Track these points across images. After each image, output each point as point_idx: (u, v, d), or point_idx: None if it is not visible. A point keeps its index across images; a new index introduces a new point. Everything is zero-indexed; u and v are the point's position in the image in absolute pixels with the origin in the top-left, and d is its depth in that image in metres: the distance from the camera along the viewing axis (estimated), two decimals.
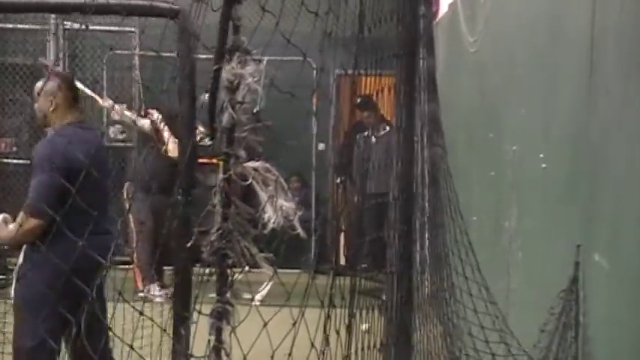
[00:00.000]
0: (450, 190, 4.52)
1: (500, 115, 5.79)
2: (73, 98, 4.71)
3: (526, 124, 5.08)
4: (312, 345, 1.83)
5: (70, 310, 3.59)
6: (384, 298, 3.17)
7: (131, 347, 2.31)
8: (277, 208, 1.49)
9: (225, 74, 1.51)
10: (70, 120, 4.64)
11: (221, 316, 1.51)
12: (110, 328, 2.50)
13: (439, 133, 4.53)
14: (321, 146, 11.39)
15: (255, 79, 1.51)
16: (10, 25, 10.90)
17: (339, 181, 10.79)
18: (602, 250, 3.64)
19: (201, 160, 4.38)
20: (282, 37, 1.82)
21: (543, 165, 4.57)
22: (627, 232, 3.40)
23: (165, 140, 8.88)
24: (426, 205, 4.15)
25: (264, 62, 1.64)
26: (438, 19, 8.88)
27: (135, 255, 9.18)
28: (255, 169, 1.51)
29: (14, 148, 11.27)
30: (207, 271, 1.56)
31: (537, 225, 4.74)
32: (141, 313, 2.21)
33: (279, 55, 1.92)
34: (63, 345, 4.47)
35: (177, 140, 8.80)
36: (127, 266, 8.64)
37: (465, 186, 5.22)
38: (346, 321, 2.25)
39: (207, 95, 1.70)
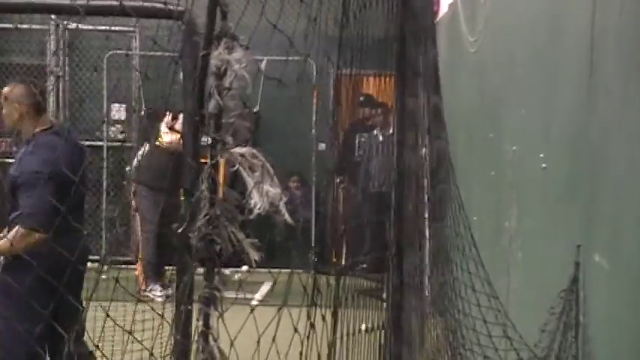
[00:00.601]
0: (453, 183, 4.52)
1: (500, 115, 5.80)
2: (38, 106, 4.73)
3: (526, 124, 5.08)
4: (296, 330, 1.83)
5: (57, 310, 3.72)
6: (384, 297, 3.17)
7: (129, 333, 2.32)
8: (263, 194, 1.50)
9: (213, 60, 1.51)
10: (42, 127, 4.69)
11: (209, 302, 1.51)
12: (118, 323, 2.51)
13: (441, 126, 4.52)
14: (321, 146, 11.40)
15: (243, 65, 1.51)
16: (11, 25, 10.90)
17: (338, 180, 10.79)
18: (602, 250, 3.65)
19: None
20: (280, 38, 1.82)
21: (543, 165, 4.57)
22: (627, 232, 3.40)
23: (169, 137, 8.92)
24: (426, 200, 4.14)
25: (265, 61, 1.64)
26: (438, 19, 8.88)
27: (140, 253, 9.20)
28: (242, 155, 1.51)
29: (14, 148, 11.27)
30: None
31: (537, 225, 4.75)
32: (139, 299, 2.21)
33: (277, 53, 1.93)
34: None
35: (173, 133, 8.87)
36: (129, 266, 8.68)
37: (465, 186, 5.22)
38: (330, 318, 2.25)
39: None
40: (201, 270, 1.52)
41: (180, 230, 1.63)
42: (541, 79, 4.76)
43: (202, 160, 1.53)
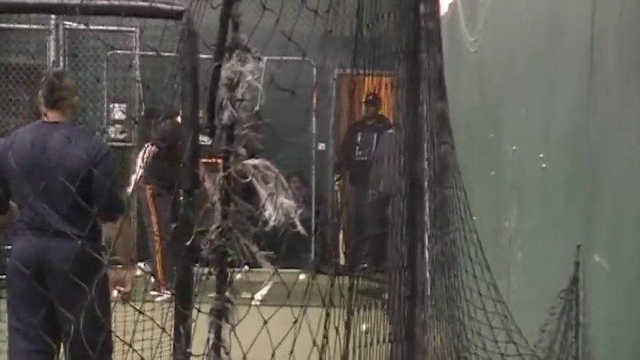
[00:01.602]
0: (459, 188, 4.52)
1: (500, 115, 5.80)
2: (45, 99, 4.59)
3: (526, 124, 5.08)
4: (314, 343, 1.83)
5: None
6: (385, 297, 3.17)
7: (163, 329, 2.33)
8: (278, 206, 1.49)
9: (225, 72, 1.51)
10: (43, 118, 4.54)
11: (220, 315, 1.51)
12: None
13: (447, 130, 4.51)
14: (321, 146, 11.40)
15: (255, 76, 1.51)
16: (11, 25, 10.89)
17: (337, 179, 10.82)
18: (602, 250, 3.65)
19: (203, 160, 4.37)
20: (283, 38, 1.82)
21: (543, 165, 4.57)
22: (627, 232, 3.40)
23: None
24: (431, 203, 4.14)
25: (264, 61, 1.64)
26: None
27: (157, 256, 9.13)
28: (255, 167, 1.50)
29: None
30: (205, 270, 1.56)
31: (537, 225, 4.75)
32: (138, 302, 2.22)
33: (280, 54, 1.93)
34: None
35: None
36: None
37: (465, 186, 5.22)
38: (345, 319, 2.25)
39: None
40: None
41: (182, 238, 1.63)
42: (541, 79, 4.76)
43: (204, 160, 1.53)
